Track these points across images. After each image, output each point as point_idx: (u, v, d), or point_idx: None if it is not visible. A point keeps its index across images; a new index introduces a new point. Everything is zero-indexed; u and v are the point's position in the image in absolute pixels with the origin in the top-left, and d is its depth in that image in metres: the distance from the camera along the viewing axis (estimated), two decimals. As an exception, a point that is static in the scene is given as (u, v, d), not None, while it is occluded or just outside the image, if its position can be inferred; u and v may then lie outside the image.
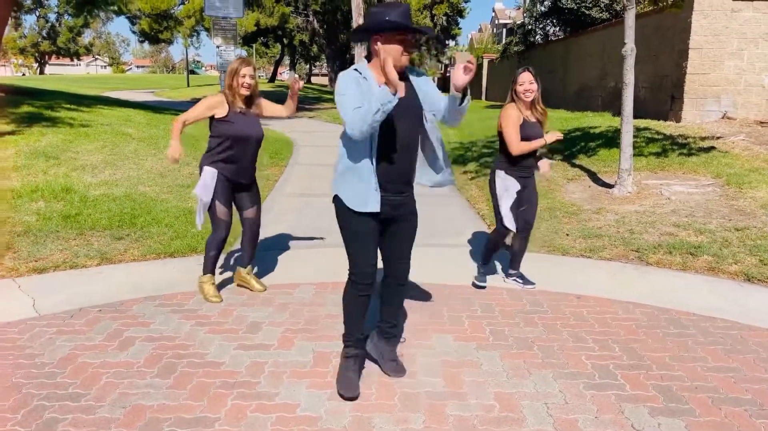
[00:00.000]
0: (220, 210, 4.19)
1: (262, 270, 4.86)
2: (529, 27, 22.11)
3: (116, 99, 19.27)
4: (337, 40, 41.52)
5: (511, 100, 4.24)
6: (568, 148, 9.90)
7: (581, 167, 8.53)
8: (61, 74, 62.67)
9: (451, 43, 54.97)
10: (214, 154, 4.13)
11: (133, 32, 36.65)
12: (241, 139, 4.11)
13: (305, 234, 5.96)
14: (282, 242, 5.71)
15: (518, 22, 27.29)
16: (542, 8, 20.98)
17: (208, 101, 4.13)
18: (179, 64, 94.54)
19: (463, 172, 9.00)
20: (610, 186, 7.41)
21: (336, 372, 3.19)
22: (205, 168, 4.14)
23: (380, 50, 2.76)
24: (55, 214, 5.83)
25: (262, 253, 5.23)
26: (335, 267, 4.97)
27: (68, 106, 12.67)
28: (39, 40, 60.44)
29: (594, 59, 16.05)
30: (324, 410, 2.86)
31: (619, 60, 7.48)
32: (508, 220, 4.26)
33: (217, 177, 4.13)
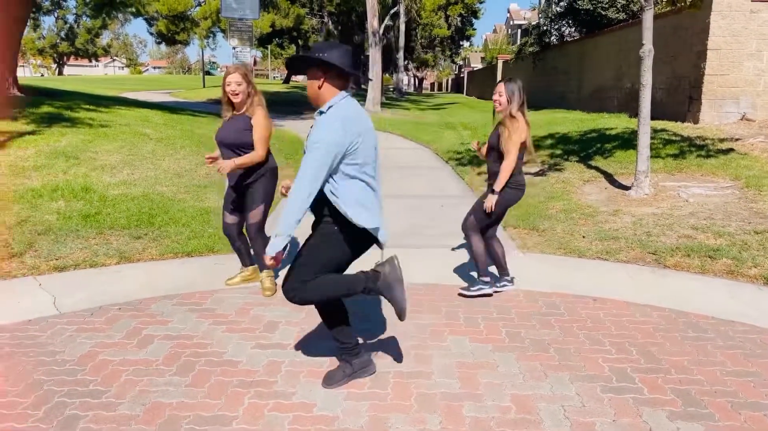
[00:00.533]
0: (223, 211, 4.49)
1: (277, 270, 4.89)
2: (545, 28, 22.01)
3: (134, 100, 19.45)
4: (352, 41, 41.60)
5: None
6: (584, 149, 9.85)
7: (597, 169, 8.48)
8: (79, 75, 63.37)
9: (466, 43, 54.87)
10: None
11: (151, 33, 37.04)
12: (220, 144, 4.30)
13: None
14: (297, 243, 5.73)
15: (533, 22, 27.16)
16: (558, 9, 20.88)
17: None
18: (195, 65, 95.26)
19: (478, 173, 8.99)
20: (627, 188, 7.36)
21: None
22: None
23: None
24: (75, 213, 5.91)
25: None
26: (353, 266, 4.98)
27: (87, 106, 12.82)
28: (57, 41, 61.17)
29: (610, 60, 15.94)
30: (341, 410, 2.88)
31: (636, 61, 7.44)
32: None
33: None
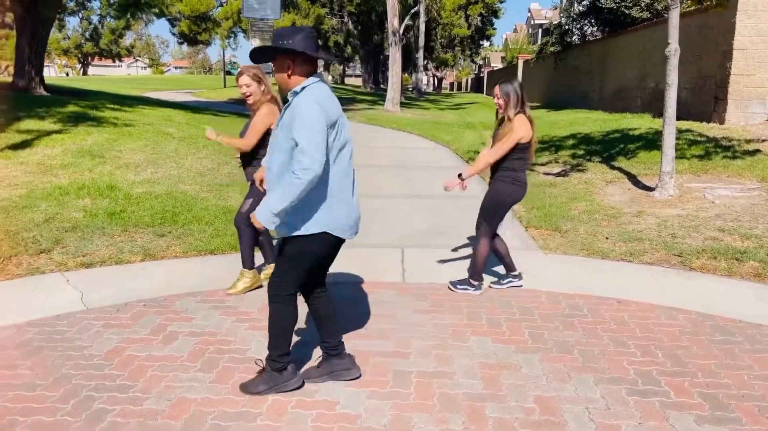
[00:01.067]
0: None
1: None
2: (566, 27, 21.82)
3: (157, 99, 19.69)
4: (371, 41, 41.66)
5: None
6: (607, 149, 9.75)
7: (620, 169, 8.39)
8: (103, 75, 64.30)
9: (486, 43, 54.62)
10: None
11: (173, 34, 37.46)
12: None
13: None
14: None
15: (555, 22, 26.95)
16: (580, 8, 20.70)
17: None
18: (216, 65, 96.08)
19: (500, 173, 8.94)
20: (651, 189, 7.27)
21: (375, 372, 3.22)
22: None
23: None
24: (100, 211, 6.00)
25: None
26: (372, 266, 5.00)
27: (112, 106, 13.01)
28: (82, 41, 62.18)
29: (633, 60, 15.76)
30: (363, 408, 2.89)
31: (660, 60, 7.35)
32: None
33: None
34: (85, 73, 68.17)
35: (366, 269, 4.93)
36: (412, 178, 9.11)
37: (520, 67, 30.98)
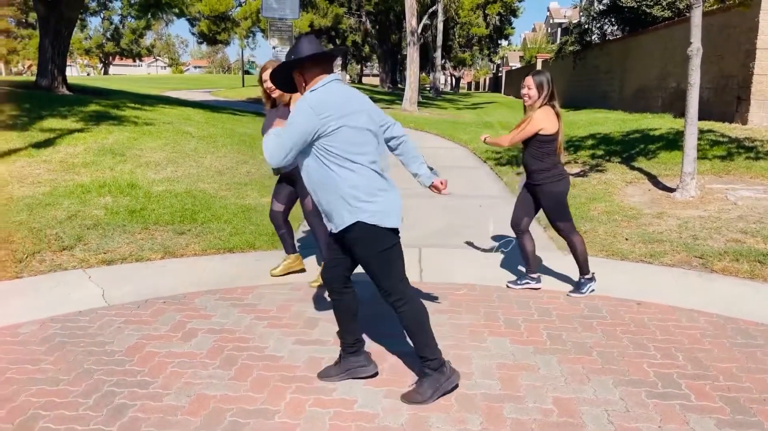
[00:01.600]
0: None
1: (313, 268, 4.93)
2: (586, 26, 21.64)
3: (176, 98, 19.87)
4: (389, 40, 41.65)
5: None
6: (627, 150, 9.66)
7: (640, 170, 8.30)
8: (123, 74, 65.09)
9: (504, 42, 54.34)
10: None
11: (192, 34, 37.79)
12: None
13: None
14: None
15: (574, 21, 26.73)
16: (600, 7, 20.50)
17: None
18: (235, 64, 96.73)
19: (517, 173, 8.90)
20: (672, 190, 7.19)
21: (392, 371, 3.23)
22: None
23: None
24: (121, 209, 6.08)
25: (316, 250, 5.30)
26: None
27: (132, 105, 13.16)
28: (103, 41, 62.99)
29: (654, 59, 15.59)
30: (381, 407, 2.89)
31: (682, 60, 7.26)
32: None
33: None
34: (106, 72, 69.05)
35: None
36: (430, 177, 9.08)
37: (538, 67, 30.78)
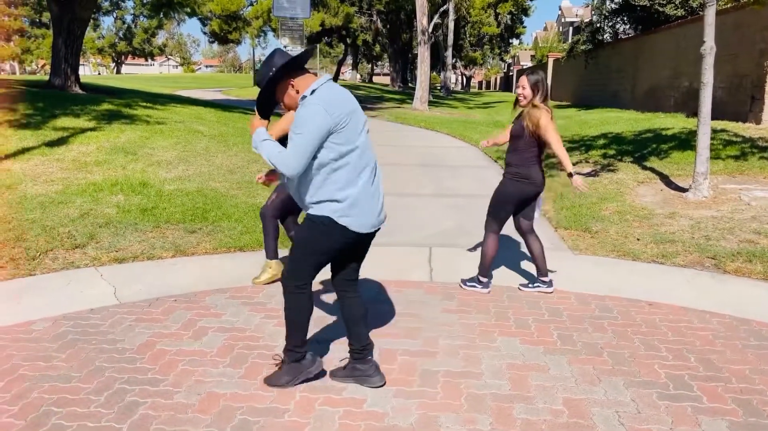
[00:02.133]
0: None
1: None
2: (598, 25, 21.49)
3: (188, 97, 19.97)
4: (400, 39, 41.62)
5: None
6: (639, 149, 9.59)
7: (652, 170, 8.24)
8: (135, 74, 65.54)
9: (515, 41, 54.13)
10: None
11: (204, 33, 37.92)
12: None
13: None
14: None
15: (586, 20, 26.57)
16: (613, 5, 20.35)
17: None
18: (246, 63, 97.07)
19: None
20: (684, 190, 7.13)
21: (402, 370, 3.23)
22: None
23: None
24: (133, 207, 6.11)
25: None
26: (399, 265, 5.01)
27: (144, 104, 13.24)
28: (116, 40, 63.42)
29: (667, 58, 15.46)
30: (390, 407, 2.89)
31: (695, 59, 7.20)
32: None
33: None
34: (118, 71, 69.52)
35: (393, 268, 4.94)
36: (440, 176, 9.08)
37: (550, 66, 30.63)
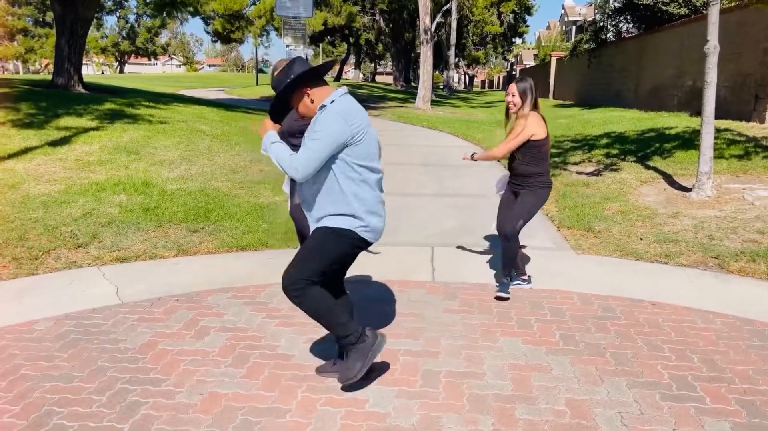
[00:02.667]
0: None
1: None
2: (601, 24, 21.44)
3: (190, 97, 20.00)
4: (403, 38, 41.57)
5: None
6: (642, 149, 9.56)
7: (656, 169, 8.22)
8: (139, 73, 65.58)
9: (518, 40, 54.05)
10: None
11: (207, 32, 38.02)
12: (281, 133, 4.30)
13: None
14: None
15: (589, 19, 26.51)
16: (616, 4, 20.30)
17: None
18: (248, 63, 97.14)
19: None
20: (688, 189, 7.11)
21: (404, 371, 3.22)
22: None
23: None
24: (135, 207, 6.12)
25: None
26: (401, 265, 5.00)
27: (147, 103, 13.25)
28: (119, 40, 63.51)
29: (670, 57, 15.41)
30: (392, 407, 2.89)
31: (698, 58, 7.17)
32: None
33: None
34: (121, 71, 69.60)
35: (395, 268, 4.93)
36: (443, 176, 9.07)
37: (553, 65, 30.57)
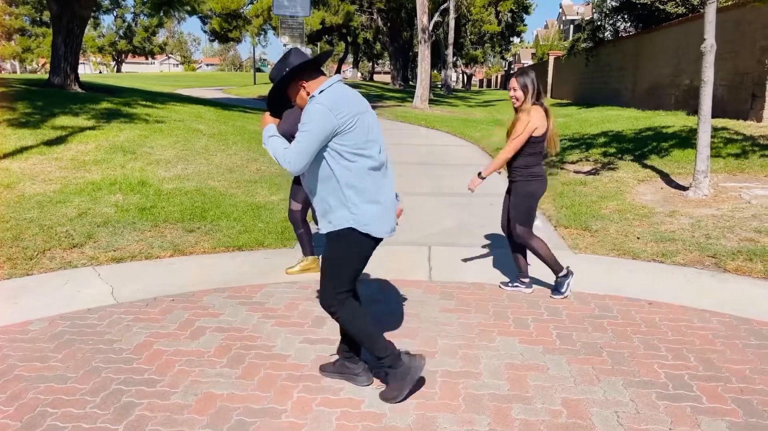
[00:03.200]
0: None
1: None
2: (599, 23, 21.45)
3: (187, 96, 19.96)
4: (400, 37, 41.53)
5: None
6: (639, 148, 9.56)
7: (653, 168, 8.22)
8: (136, 72, 65.51)
9: (516, 40, 54.05)
10: None
11: (204, 31, 37.94)
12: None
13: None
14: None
15: (587, 18, 26.51)
16: (613, 3, 20.30)
17: None
18: (246, 62, 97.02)
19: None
20: (685, 188, 7.10)
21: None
22: None
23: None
24: (131, 206, 6.10)
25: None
26: (398, 264, 4.99)
27: (144, 103, 13.22)
28: (116, 39, 63.36)
29: (667, 56, 15.42)
30: (388, 407, 2.87)
31: (695, 57, 7.17)
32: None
33: None
34: (119, 70, 69.47)
35: (393, 267, 4.92)
36: (440, 175, 9.06)
37: (550, 64, 30.59)
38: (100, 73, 68.09)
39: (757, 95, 10.97)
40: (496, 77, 70.22)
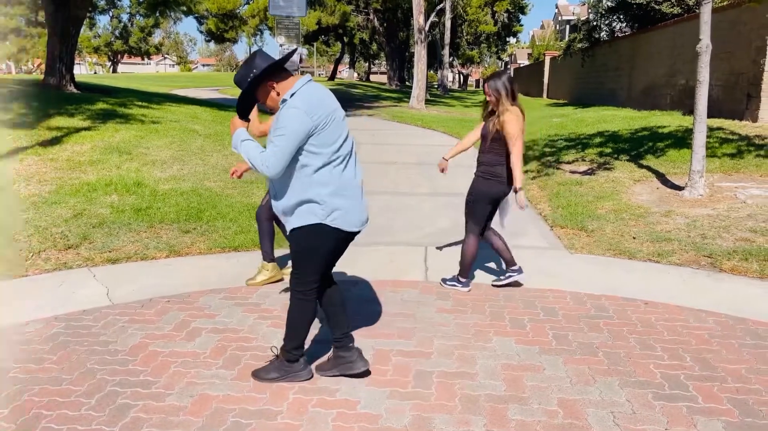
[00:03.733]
0: None
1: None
2: (594, 23, 21.49)
3: (183, 96, 19.92)
4: (397, 38, 41.56)
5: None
6: (635, 147, 9.57)
7: (649, 168, 8.23)
8: (132, 73, 65.34)
9: (512, 40, 54.11)
10: None
11: (200, 32, 37.89)
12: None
13: (364, 230, 5.99)
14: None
15: (582, 18, 26.55)
16: (609, 3, 20.34)
17: None
18: (242, 62, 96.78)
19: (525, 171, 8.84)
20: (680, 188, 7.12)
21: (396, 371, 3.20)
22: None
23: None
24: (127, 207, 6.08)
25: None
26: (394, 264, 4.99)
27: (140, 103, 13.18)
28: (112, 39, 63.18)
29: (663, 56, 15.45)
30: (384, 408, 2.87)
31: (691, 57, 7.18)
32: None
33: None
34: (114, 70, 69.28)
35: (388, 267, 4.92)
36: (436, 175, 9.04)
37: (546, 64, 30.63)
38: (95, 73, 67.88)
39: (753, 95, 11.00)
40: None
